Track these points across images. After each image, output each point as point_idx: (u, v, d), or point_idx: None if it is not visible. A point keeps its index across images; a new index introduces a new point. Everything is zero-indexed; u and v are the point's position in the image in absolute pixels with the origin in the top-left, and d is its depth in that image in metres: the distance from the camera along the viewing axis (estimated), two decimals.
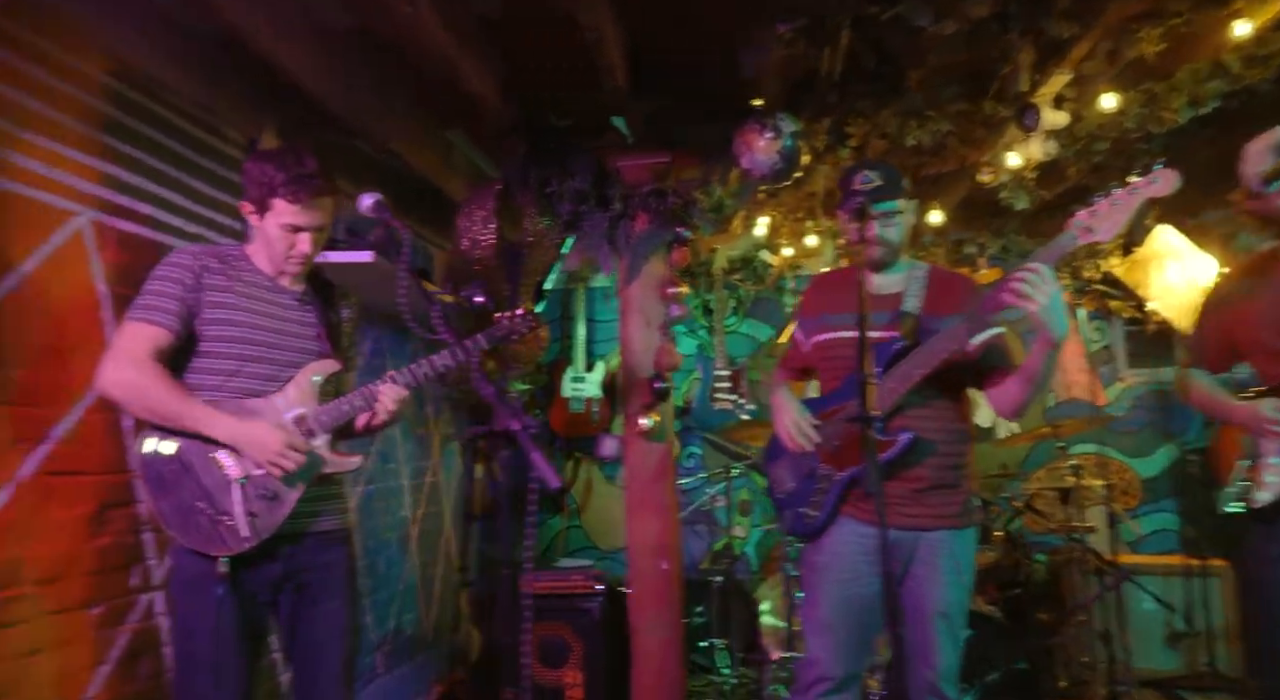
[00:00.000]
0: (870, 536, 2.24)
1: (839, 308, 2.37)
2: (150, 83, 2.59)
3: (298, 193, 2.04)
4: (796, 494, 2.38)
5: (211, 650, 1.93)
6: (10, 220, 2.11)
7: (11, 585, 2.07)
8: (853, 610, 2.26)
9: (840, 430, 2.27)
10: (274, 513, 1.99)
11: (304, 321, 2.16)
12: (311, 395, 2.09)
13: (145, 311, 1.97)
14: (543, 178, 3.15)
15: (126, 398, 1.95)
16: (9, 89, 2.12)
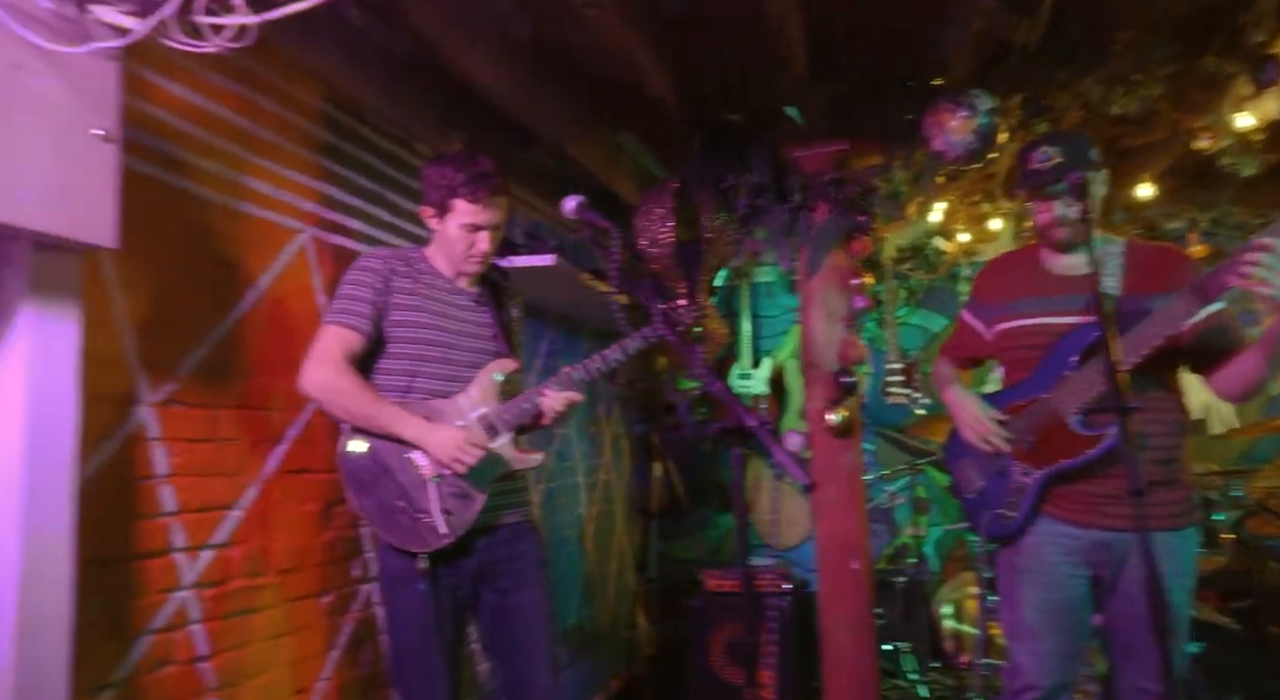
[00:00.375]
0: (1074, 537, 2.09)
1: (1024, 292, 2.22)
2: (357, 105, 2.76)
3: (476, 192, 2.10)
4: (989, 494, 2.24)
5: (419, 641, 2.04)
6: (247, 239, 2.30)
7: (260, 574, 2.25)
8: (1057, 616, 2.11)
9: (1035, 425, 2.12)
10: (467, 510, 2.06)
11: (481, 322, 2.23)
12: (493, 394, 2.15)
13: (340, 315, 2.08)
14: (719, 173, 3.13)
15: (323, 398, 2.05)
16: (242, 119, 2.31)
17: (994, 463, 2.22)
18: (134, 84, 1.94)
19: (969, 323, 2.39)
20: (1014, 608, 2.17)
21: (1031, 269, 2.25)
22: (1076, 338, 2.06)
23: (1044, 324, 2.14)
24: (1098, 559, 2.08)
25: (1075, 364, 2.05)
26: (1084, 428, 2.03)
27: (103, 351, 1.84)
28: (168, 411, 2.00)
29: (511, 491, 2.21)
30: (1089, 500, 2.07)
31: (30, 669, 1.53)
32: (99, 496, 1.79)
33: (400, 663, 2.09)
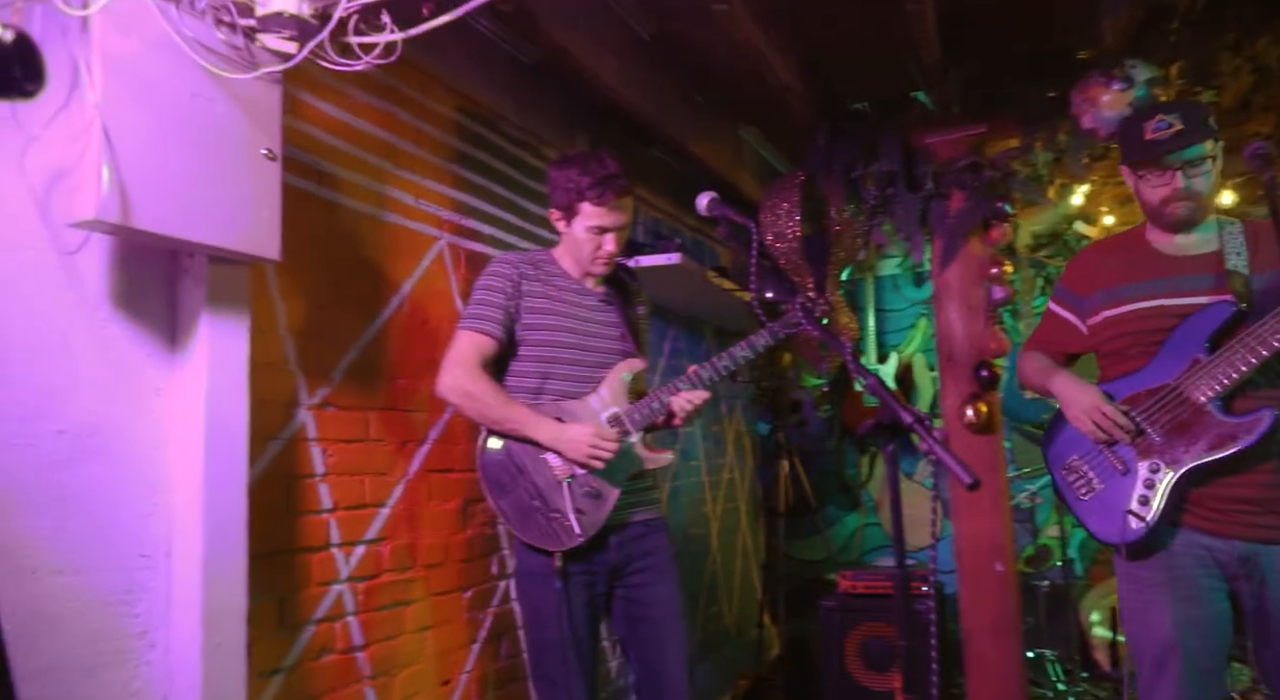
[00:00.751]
0: (1213, 549, 1.89)
1: (1133, 276, 2.02)
2: (487, 114, 2.84)
3: (603, 194, 2.11)
4: (1110, 495, 2.00)
5: (557, 637, 2.06)
6: (392, 248, 2.40)
7: (408, 568, 2.34)
8: (1198, 634, 1.89)
9: (1162, 416, 1.91)
10: (600, 509, 2.08)
11: (608, 321, 2.23)
12: (623, 394, 2.15)
13: (473, 321, 2.12)
14: (847, 163, 3.04)
15: (459, 402, 2.10)
16: (384, 132, 2.41)
17: (1112, 460, 2.00)
18: (289, 104, 2.05)
19: (1061, 315, 2.19)
20: (1148, 626, 1.95)
21: (1138, 252, 2.05)
22: (1205, 318, 1.88)
23: (1161, 306, 1.95)
24: (1236, 573, 1.88)
25: (1206, 347, 1.87)
26: (1228, 415, 1.85)
27: (268, 357, 1.96)
28: (323, 414, 2.11)
29: (642, 490, 2.22)
30: (1228, 506, 1.87)
31: (213, 655, 1.65)
32: (266, 494, 1.91)
33: (540, 658, 2.13)
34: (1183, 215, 1.95)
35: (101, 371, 1.59)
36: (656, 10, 2.64)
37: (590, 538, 2.07)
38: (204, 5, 1.68)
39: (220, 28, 1.71)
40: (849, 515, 5.20)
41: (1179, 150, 1.88)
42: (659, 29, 2.81)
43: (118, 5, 1.49)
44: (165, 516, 1.68)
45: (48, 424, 1.49)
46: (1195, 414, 1.87)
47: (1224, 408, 1.86)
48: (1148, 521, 1.91)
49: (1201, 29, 2.50)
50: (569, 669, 2.06)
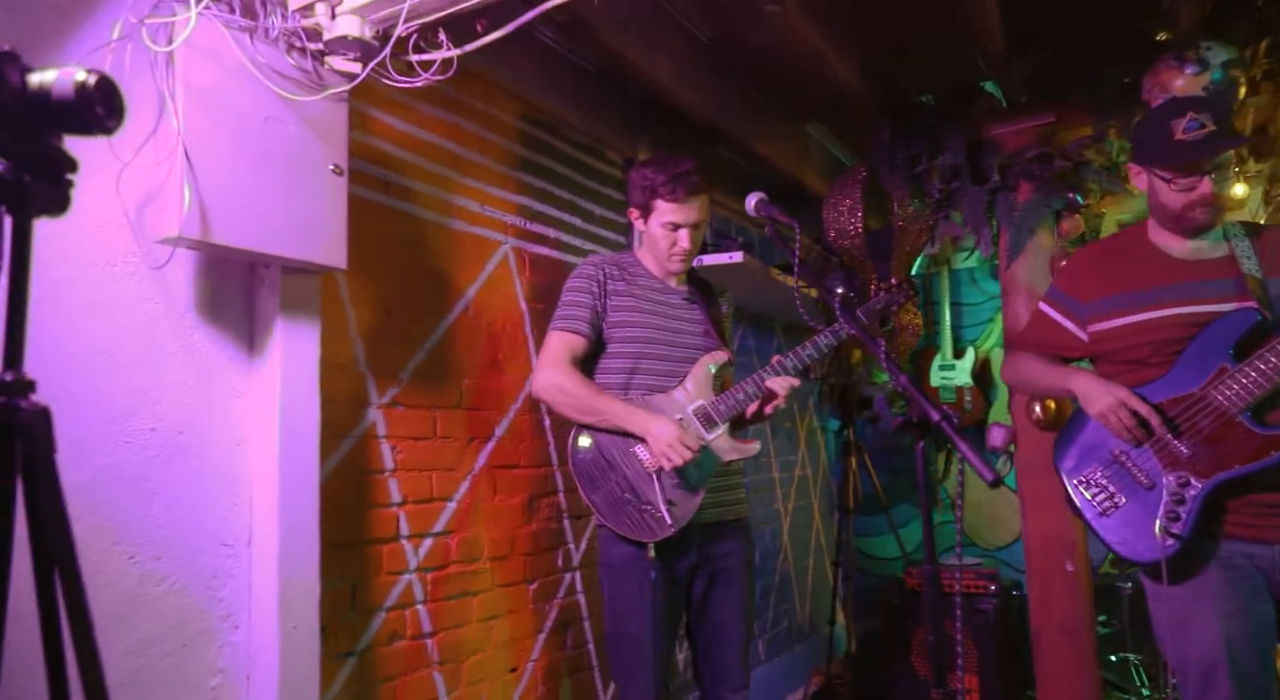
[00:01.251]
0: (1252, 556, 1.79)
1: (1144, 282, 1.91)
2: (550, 120, 2.92)
3: (675, 190, 2.16)
4: (1135, 511, 1.89)
5: (641, 628, 2.11)
6: (458, 253, 2.51)
7: (475, 560, 2.45)
8: (1244, 647, 1.79)
9: (1189, 427, 1.81)
10: (690, 501, 2.12)
11: (692, 319, 2.28)
12: (709, 387, 2.20)
13: (562, 321, 2.21)
14: (910, 158, 3.00)
15: (552, 399, 2.17)
16: (449, 142, 2.52)
17: (1136, 473, 1.89)
18: (358, 120, 2.18)
19: (1055, 319, 2.08)
20: (1190, 644, 1.84)
21: (1146, 256, 1.94)
22: (1228, 326, 1.79)
23: (1179, 314, 1.85)
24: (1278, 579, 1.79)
25: (1232, 355, 1.78)
26: (1263, 427, 1.76)
27: (340, 359, 2.09)
28: (392, 412, 2.23)
29: (729, 488, 2.26)
30: (1267, 511, 1.78)
31: (290, 637, 1.78)
32: (339, 488, 2.04)
33: (617, 649, 2.18)
34: (1205, 221, 1.85)
35: (187, 375, 1.73)
36: (712, 13, 2.67)
37: (681, 529, 2.09)
38: (277, 33, 1.81)
39: (292, 53, 1.84)
40: None
41: (1215, 154, 1.79)
42: (716, 31, 2.84)
43: (199, 39, 1.62)
44: (246, 509, 1.82)
45: (140, 422, 1.64)
46: (1226, 425, 1.79)
47: (1255, 418, 1.78)
48: (1182, 537, 1.82)
49: None
50: (649, 659, 2.11)
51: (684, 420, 2.15)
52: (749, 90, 3.23)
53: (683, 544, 2.15)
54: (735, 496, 2.28)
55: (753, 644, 4.03)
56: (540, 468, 2.76)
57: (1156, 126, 1.85)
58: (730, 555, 2.25)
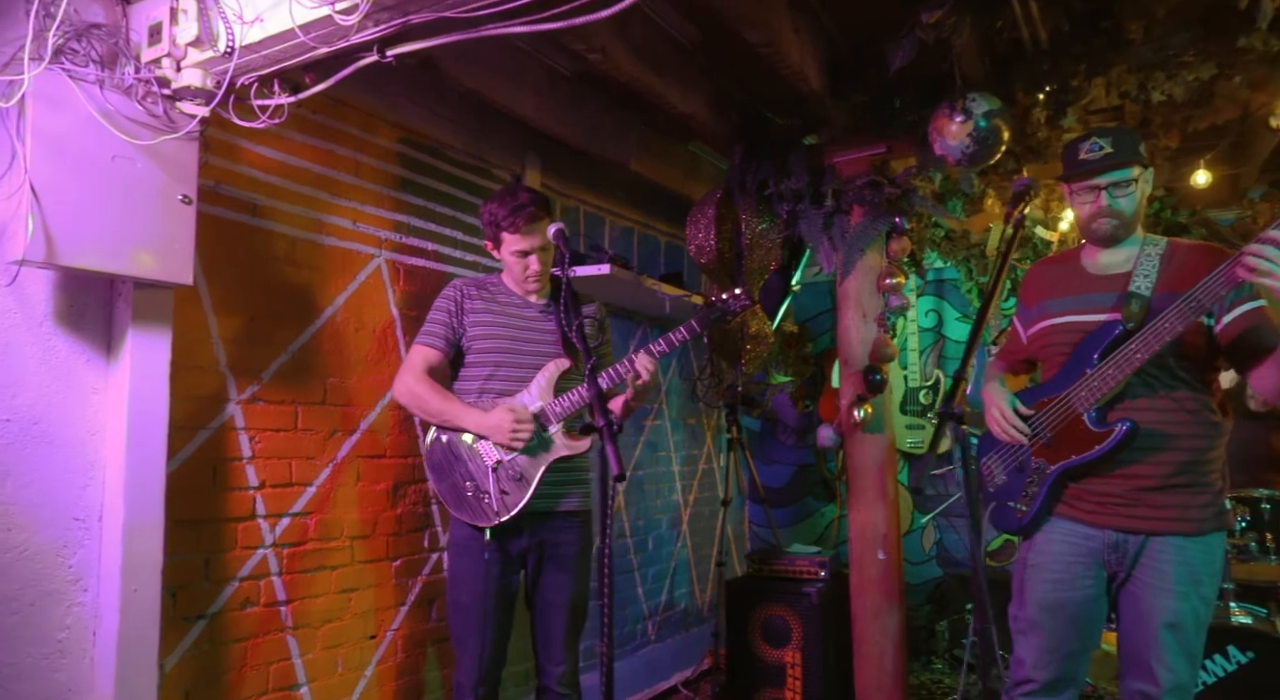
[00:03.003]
0: (1088, 537, 2.14)
1: (1060, 292, 2.25)
2: (431, 144, 3.22)
3: (515, 222, 2.47)
4: (1006, 488, 2.30)
5: (471, 600, 2.46)
6: (327, 266, 2.81)
7: (334, 539, 2.76)
8: (1062, 614, 2.15)
9: (1053, 421, 2.17)
10: (522, 491, 2.46)
11: (545, 329, 2.60)
12: (548, 391, 2.52)
13: (423, 336, 2.58)
14: (761, 180, 3.30)
15: (407, 403, 2.56)
16: (323, 168, 2.82)
17: (1015, 457, 2.28)
18: (226, 150, 2.49)
19: (1014, 326, 2.47)
20: (1020, 603, 2.23)
21: (1070, 269, 2.28)
22: (1099, 335, 2.10)
23: (1074, 321, 2.18)
24: (1110, 559, 2.11)
25: (1095, 361, 2.09)
26: (1097, 424, 2.08)
27: (200, 361, 2.40)
28: (252, 407, 2.54)
29: (567, 482, 2.56)
30: (1102, 500, 2.11)
31: (131, 598, 2.09)
32: (194, 473, 2.35)
33: (453, 618, 2.54)
34: (1106, 231, 2.16)
35: (44, 375, 2.04)
36: (566, 51, 2.95)
37: (514, 515, 2.44)
38: (131, 82, 2.12)
39: (146, 98, 2.14)
40: (826, 507, 5.42)
41: (1104, 171, 2.09)
42: (575, 66, 3.13)
43: (47, 91, 1.92)
44: (99, 489, 2.13)
45: None
46: (1075, 422, 2.12)
47: (1097, 418, 2.10)
48: (1027, 512, 2.22)
49: (1057, 60, 2.66)
50: (476, 627, 2.45)
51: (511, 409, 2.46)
52: (621, 117, 3.52)
53: (517, 529, 2.49)
54: (573, 490, 2.60)
55: (640, 626, 4.36)
56: (406, 457, 3.06)
57: (1069, 149, 2.20)
58: (562, 544, 2.57)
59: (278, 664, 2.55)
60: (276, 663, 2.55)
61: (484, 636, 2.46)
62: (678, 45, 2.94)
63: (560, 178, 3.79)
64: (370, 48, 2.01)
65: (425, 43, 2.05)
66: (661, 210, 4.46)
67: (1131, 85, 2.64)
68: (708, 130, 3.29)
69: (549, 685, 2.56)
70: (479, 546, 2.46)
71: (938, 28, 2.21)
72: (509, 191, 2.54)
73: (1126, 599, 2.11)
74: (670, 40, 2.91)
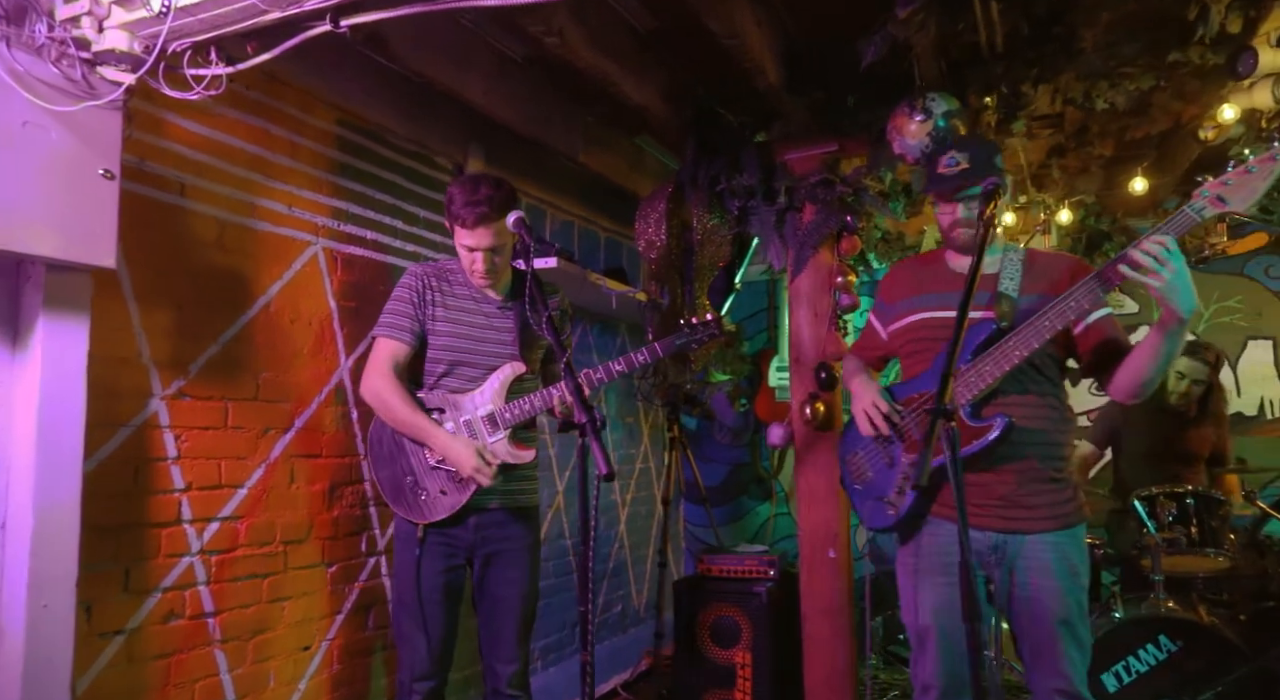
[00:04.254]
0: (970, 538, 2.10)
1: (926, 289, 2.26)
2: (371, 128, 3.05)
3: (465, 218, 2.35)
4: (876, 484, 2.27)
5: (413, 597, 2.34)
6: (260, 253, 2.63)
7: (266, 544, 2.58)
8: (953, 615, 2.04)
9: (924, 418, 2.13)
10: (462, 492, 2.37)
11: (502, 327, 2.49)
12: (500, 395, 2.42)
13: (386, 329, 2.43)
14: (713, 175, 3.25)
15: (374, 406, 2.41)
16: (258, 148, 2.63)
17: (885, 454, 2.24)
18: (151, 123, 2.29)
19: (871, 322, 2.44)
20: (909, 608, 2.20)
21: (934, 268, 2.30)
22: (971, 334, 2.08)
23: (944, 317, 2.16)
24: (990, 560, 2.11)
25: (969, 357, 2.09)
26: (973, 419, 2.07)
27: (120, 353, 2.19)
28: (178, 403, 2.34)
29: (513, 480, 2.46)
30: (982, 500, 2.07)
31: (40, 615, 1.89)
32: (112, 475, 2.15)
33: (396, 615, 2.44)
34: (964, 240, 2.18)
35: None
36: (517, 33, 2.84)
37: (452, 515, 2.35)
38: (42, 41, 1.91)
39: (62, 61, 1.94)
40: (762, 505, 5.44)
41: (963, 189, 2.12)
42: (527, 50, 3.02)
43: None
44: (2, 496, 1.92)
45: None
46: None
47: (973, 413, 2.09)
48: (899, 509, 2.17)
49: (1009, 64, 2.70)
50: (417, 625, 2.34)
51: (470, 421, 2.38)
52: (569, 106, 3.43)
53: (461, 526, 2.39)
54: (520, 487, 2.50)
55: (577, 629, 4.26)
56: (344, 457, 2.90)
57: (929, 162, 2.20)
58: (511, 539, 2.46)
59: (204, 680, 2.36)
60: (203, 680, 2.36)
61: (426, 630, 2.35)
62: (635, 34, 2.87)
63: (503, 167, 3.65)
64: (323, 16, 1.87)
65: (381, 14, 1.92)
66: (604, 204, 4.37)
67: (1078, 92, 2.71)
68: (660, 123, 3.22)
69: (498, 688, 2.45)
70: (415, 542, 2.37)
71: (906, 24, 2.19)
72: (471, 181, 2.39)
73: (1016, 599, 2.09)
74: (628, 28, 2.83)
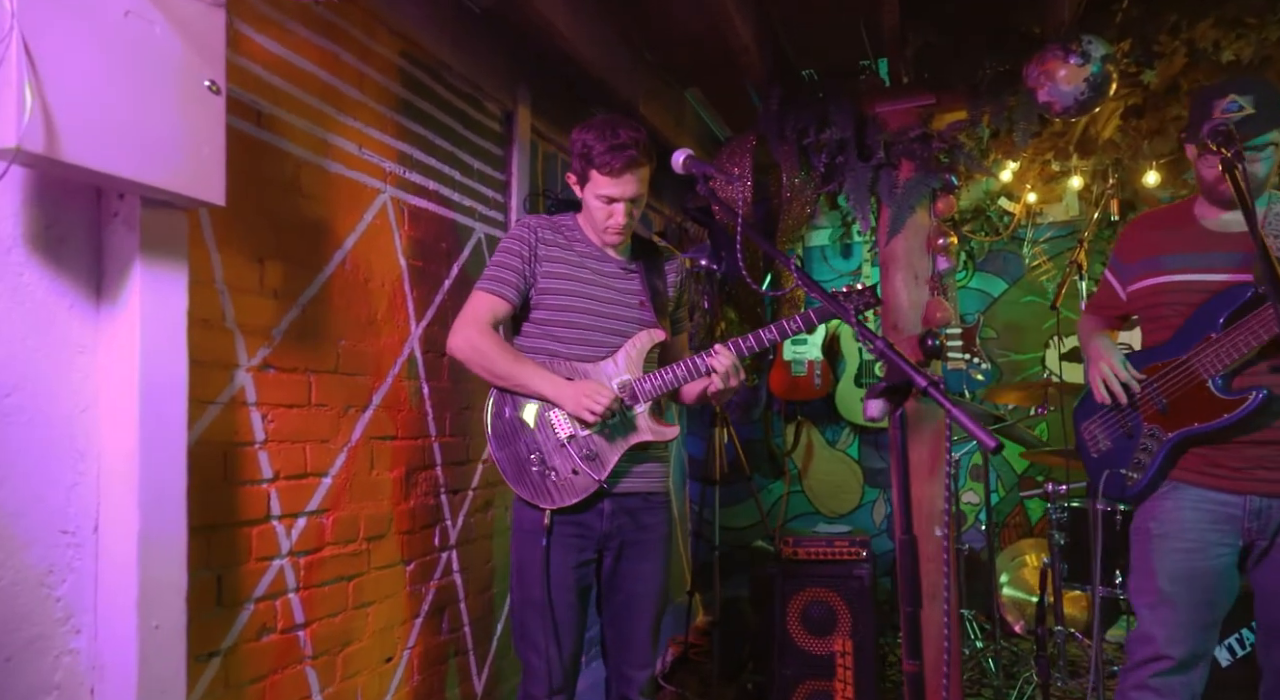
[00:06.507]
0: (1224, 503, 1.98)
1: (1176, 247, 2.08)
2: (430, 61, 2.66)
3: (610, 163, 2.03)
4: (1113, 454, 2.15)
5: (542, 596, 2.01)
6: (335, 199, 2.23)
7: (351, 541, 2.21)
8: (1197, 585, 2.00)
9: (1170, 387, 2.02)
10: (595, 471, 2.04)
11: (628, 290, 2.17)
12: (637, 364, 2.10)
13: (488, 282, 2.08)
14: (799, 130, 3.00)
15: (467, 358, 2.05)
16: (327, 73, 2.22)
17: (1123, 423, 2.12)
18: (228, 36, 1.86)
19: (1108, 280, 2.28)
20: (1147, 574, 2.06)
21: (1185, 225, 2.11)
22: (1227, 297, 1.94)
23: (1194, 281, 2.01)
24: (1251, 526, 1.97)
25: (1221, 325, 1.94)
26: (1225, 392, 1.94)
27: (204, 314, 1.79)
28: (264, 376, 1.95)
29: (647, 461, 2.15)
30: (1240, 465, 1.95)
31: (150, 638, 1.50)
32: (202, 463, 1.75)
33: (521, 616, 2.08)
34: (1229, 197, 1.91)
35: (14, 325, 1.40)
36: None
37: (583, 499, 2.03)
38: None
39: None
40: (774, 483, 5.27)
41: (1249, 138, 1.88)
42: None
43: None
44: (92, 489, 1.51)
45: None
46: (1198, 388, 1.97)
47: (1223, 385, 1.95)
48: (1140, 480, 2.06)
49: (1148, 9, 2.56)
50: (547, 626, 2.02)
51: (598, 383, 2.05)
52: (640, 46, 3.11)
53: (593, 512, 2.07)
54: (653, 470, 2.18)
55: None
56: (418, 439, 2.53)
57: (1201, 105, 1.96)
58: (646, 529, 2.16)
59: None
60: None
61: (558, 637, 2.04)
62: None
63: (547, 118, 3.31)
64: None
65: None
66: None
67: (1208, 42, 2.58)
68: (747, 68, 2.95)
69: (628, 695, 2.16)
70: (541, 531, 2.02)
71: None
72: (606, 124, 2.07)
73: (1268, 570, 1.98)
74: None
